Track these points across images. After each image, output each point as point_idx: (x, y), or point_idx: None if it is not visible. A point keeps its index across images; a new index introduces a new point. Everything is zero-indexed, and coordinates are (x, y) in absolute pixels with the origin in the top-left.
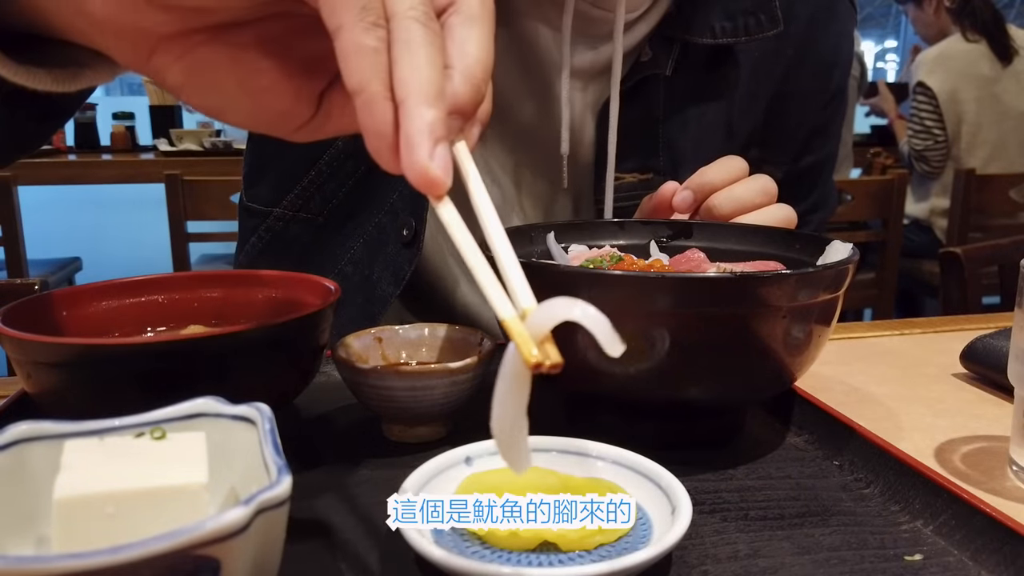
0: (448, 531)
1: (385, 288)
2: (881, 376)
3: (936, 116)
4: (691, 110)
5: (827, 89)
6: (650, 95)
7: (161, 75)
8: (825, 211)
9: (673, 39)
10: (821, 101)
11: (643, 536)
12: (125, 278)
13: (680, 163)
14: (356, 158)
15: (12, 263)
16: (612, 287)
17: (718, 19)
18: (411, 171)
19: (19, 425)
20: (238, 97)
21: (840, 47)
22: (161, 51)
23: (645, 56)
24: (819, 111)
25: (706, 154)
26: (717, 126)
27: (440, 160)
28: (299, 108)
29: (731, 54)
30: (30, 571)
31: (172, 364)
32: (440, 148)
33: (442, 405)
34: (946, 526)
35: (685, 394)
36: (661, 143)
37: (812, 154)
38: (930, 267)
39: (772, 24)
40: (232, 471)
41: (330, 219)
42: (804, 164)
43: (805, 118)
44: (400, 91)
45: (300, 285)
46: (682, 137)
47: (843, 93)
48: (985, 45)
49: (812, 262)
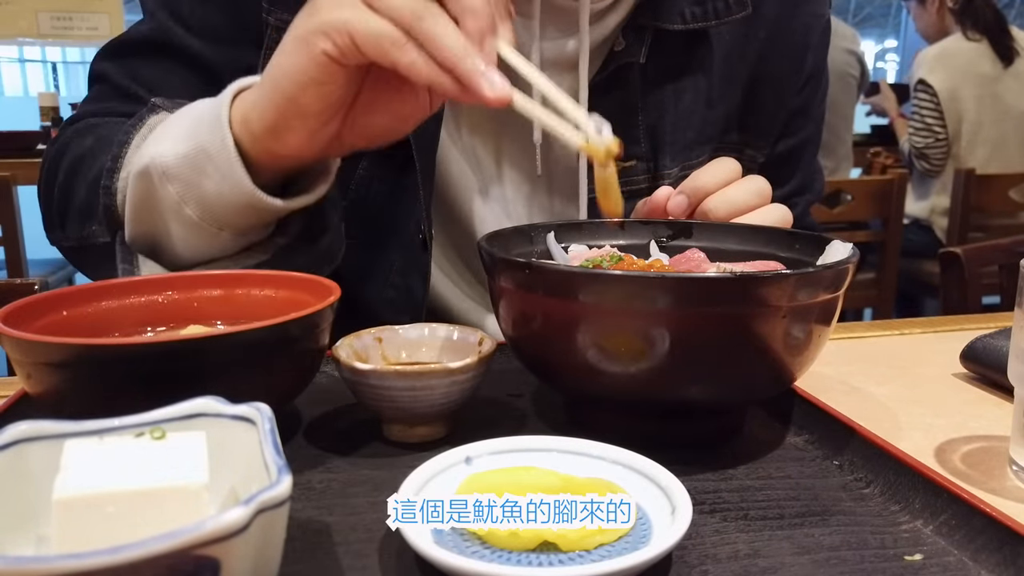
0: (448, 531)
1: (416, 292)
2: (881, 376)
3: (937, 114)
4: (668, 96)
5: (800, 71)
6: (626, 83)
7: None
8: (811, 193)
9: (645, 27)
10: (796, 84)
11: (643, 536)
12: (125, 278)
13: (660, 148)
14: (380, 179)
15: (12, 263)
16: (612, 287)
17: (687, 4)
18: (491, 96)
19: (19, 425)
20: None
21: (812, 28)
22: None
23: (619, 46)
24: (795, 93)
25: (685, 137)
26: (695, 110)
27: (498, 81)
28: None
29: (704, 38)
30: (30, 571)
31: (172, 364)
32: (492, 73)
33: (442, 405)
34: (946, 526)
35: (685, 394)
36: (641, 130)
37: (792, 136)
38: (930, 267)
39: (740, 7)
40: (232, 471)
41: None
42: (785, 147)
43: (782, 101)
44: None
45: (300, 285)
46: (661, 123)
47: (820, 75)
48: (986, 44)
49: (812, 262)
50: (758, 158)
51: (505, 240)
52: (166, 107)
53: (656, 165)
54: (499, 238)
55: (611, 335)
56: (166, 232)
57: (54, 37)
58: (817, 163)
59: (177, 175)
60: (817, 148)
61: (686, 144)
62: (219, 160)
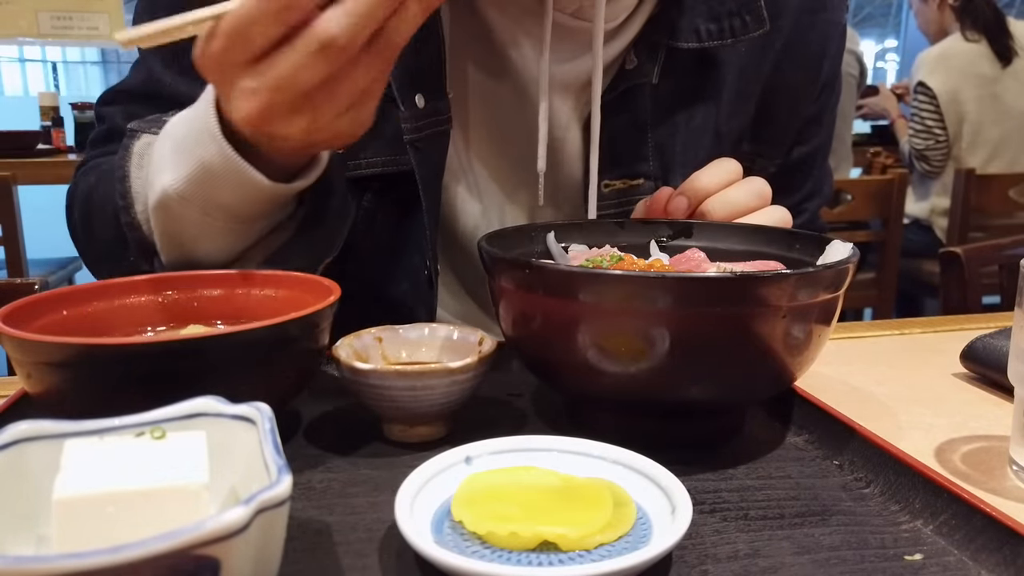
0: (448, 531)
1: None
2: (881, 376)
3: (937, 116)
4: (679, 115)
5: (816, 80)
6: (637, 102)
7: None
8: (821, 198)
9: (658, 44)
10: (812, 92)
11: (643, 536)
12: (125, 278)
13: (670, 167)
14: (385, 212)
15: (12, 263)
16: (612, 287)
17: (703, 22)
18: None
19: (19, 425)
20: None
21: (829, 37)
22: None
23: (630, 64)
24: (810, 102)
25: (696, 156)
26: (706, 128)
27: None
28: None
29: (717, 55)
30: (30, 571)
31: (172, 364)
32: None
33: (442, 405)
34: (946, 526)
35: (685, 394)
36: (650, 149)
37: (806, 144)
38: (930, 267)
39: (758, 24)
40: (232, 471)
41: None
42: (798, 155)
43: (797, 110)
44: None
45: (300, 285)
46: (671, 142)
47: (835, 81)
48: (985, 45)
49: (812, 262)
50: (769, 168)
51: (505, 240)
52: (143, 129)
53: (665, 183)
54: (499, 238)
55: (611, 335)
56: (200, 246)
57: (54, 37)
58: (827, 166)
59: (193, 196)
60: (828, 153)
61: (697, 164)
62: (226, 171)
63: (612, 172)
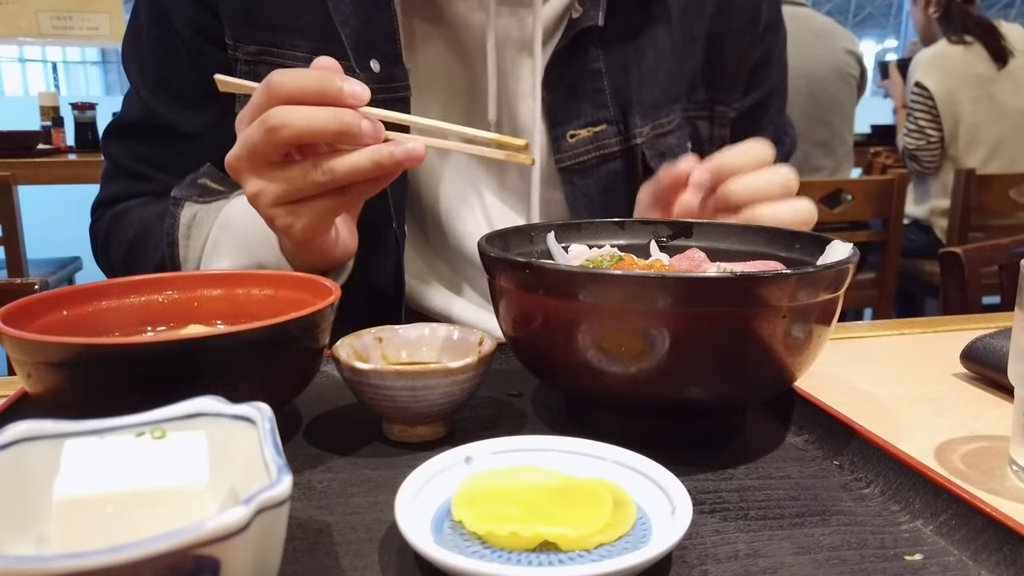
0: (448, 531)
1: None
2: (881, 376)
3: (930, 117)
4: (629, 56)
5: (757, 21)
6: (588, 49)
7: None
8: (783, 147)
9: None
10: (755, 34)
11: (643, 536)
12: (125, 278)
13: (628, 109)
14: None
15: (12, 263)
16: (612, 287)
17: None
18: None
19: (19, 425)
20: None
21: None
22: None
23: (576, 12)
24: (755, 44)
25: (651, 96)
26: (658, 67)
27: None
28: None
29: None
30: (30, 571)
31: (172, 364)
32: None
33: (442, 405)
34: (946, 526)
35: (685, 394)
36: (607, 94)
37: (758, 89)
38: (930, 267)
39: None
40: (232, 471)
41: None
42: (752, 100)
43: (744, 53)
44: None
45: (300, 285)
46: (626, 84)
47: (778, 25)
48: (980, 46)
49: (812, 262)
50: (729, 113)
51: (505, 240)
52: (185, 197)
53: (626, 127)
54: (499, 238)
55: (611, 335)
56: None
57: (54, 37)
58: (788, 119)
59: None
60: (784, 102)
61: (653, 103)
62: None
63: (576, 121)
